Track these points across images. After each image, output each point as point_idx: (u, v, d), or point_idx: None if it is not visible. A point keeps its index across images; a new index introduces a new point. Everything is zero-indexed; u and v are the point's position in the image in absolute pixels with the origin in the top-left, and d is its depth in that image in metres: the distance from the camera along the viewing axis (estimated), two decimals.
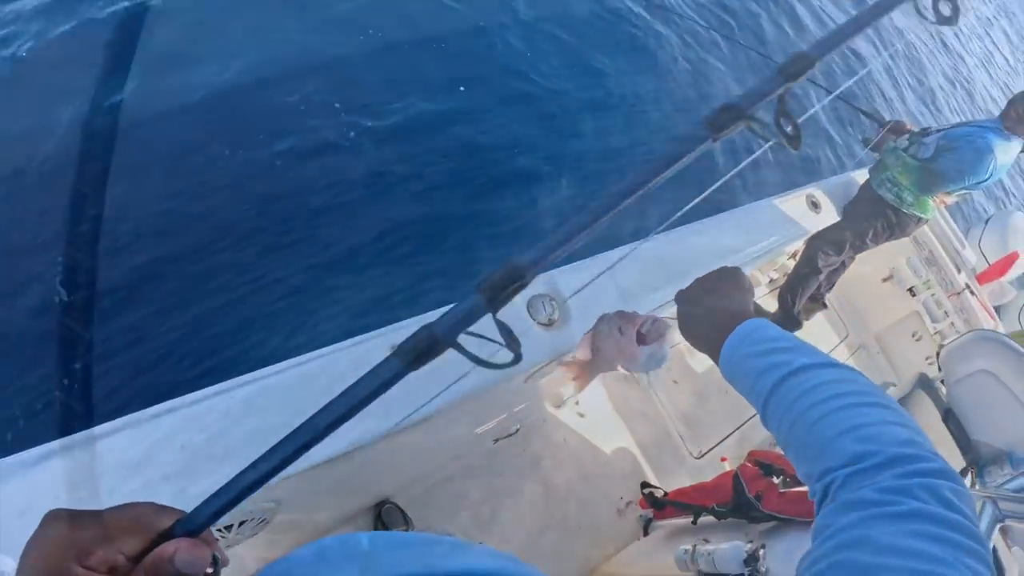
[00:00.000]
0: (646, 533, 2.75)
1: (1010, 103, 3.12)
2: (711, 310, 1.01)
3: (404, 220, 4.20)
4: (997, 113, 3.19)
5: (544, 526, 2.64)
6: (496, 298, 0.56)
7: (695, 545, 1.99)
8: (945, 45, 12.38)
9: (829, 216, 3.01)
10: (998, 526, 1.13)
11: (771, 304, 3.64)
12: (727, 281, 1.06)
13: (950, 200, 3.50)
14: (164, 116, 4.06)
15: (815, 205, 2.92)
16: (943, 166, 3.16)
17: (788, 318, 3.58)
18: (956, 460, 2.65)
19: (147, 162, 3.92)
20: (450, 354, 0.55)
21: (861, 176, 3.52)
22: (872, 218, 3.33)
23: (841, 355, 3.76)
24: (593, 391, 2.56)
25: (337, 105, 4.49)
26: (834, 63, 8.05)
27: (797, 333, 3.56)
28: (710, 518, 2.30)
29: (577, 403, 2.83)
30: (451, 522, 2.50)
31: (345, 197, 4.17)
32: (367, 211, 4.15)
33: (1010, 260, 3.96)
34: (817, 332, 3.81)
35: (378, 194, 4.27)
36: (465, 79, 5.10)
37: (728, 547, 1.85)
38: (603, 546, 2.71)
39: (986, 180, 3.16)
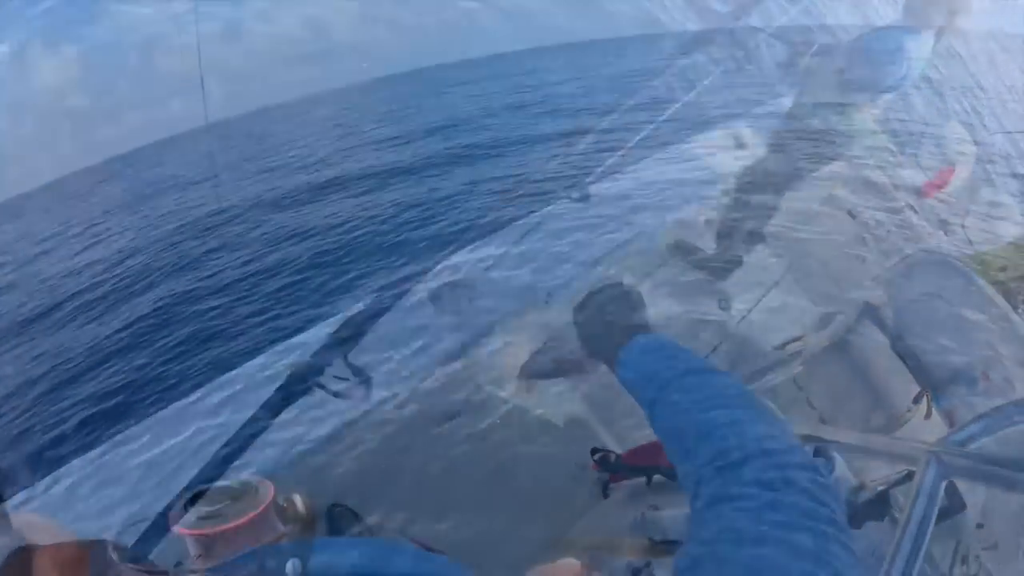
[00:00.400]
0: (606, 496, 2.68)
1: None
2: (608, 324, 1.07)
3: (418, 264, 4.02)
4: None
5: (499, 506, 2.55)
6: (347, 341, 0.73)
7: (643, 513, 1.92)
8: None
9: (758, 149, 2.94)
10: (943, 483, 1.04)
11: (709, 243, 3.55)
12: (620, 296, 1.11)
13: (877, 110, 3.45)
14: (170, 142, 3.86)
15: (740, 144, 2.86)
16: (857, 75, 3.13)
17: (727, 256, 3.50)
18: (911, 385, 2.62)
19: (152, 194, 3.74)
20: None
21: (787, 103, 3.42)
22: (801, 145, 3.27)
23: (786, 287, 3.69)
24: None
25: (346, 138, 4.32)
26: None
27: (738, 269, 3.50)
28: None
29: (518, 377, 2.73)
30: (403, 516, 2.40)
31: (352, 235, 4.01)
32: (378, 252, 3.99)
33: (948, 174, 3.90)
34: (759, 265, 3.72)
35: (388, 234, 4.11)
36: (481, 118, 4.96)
37: (677, 514, 1.80)
38: (563, 516, 2.63)
39: (903, 78, 3.12)
